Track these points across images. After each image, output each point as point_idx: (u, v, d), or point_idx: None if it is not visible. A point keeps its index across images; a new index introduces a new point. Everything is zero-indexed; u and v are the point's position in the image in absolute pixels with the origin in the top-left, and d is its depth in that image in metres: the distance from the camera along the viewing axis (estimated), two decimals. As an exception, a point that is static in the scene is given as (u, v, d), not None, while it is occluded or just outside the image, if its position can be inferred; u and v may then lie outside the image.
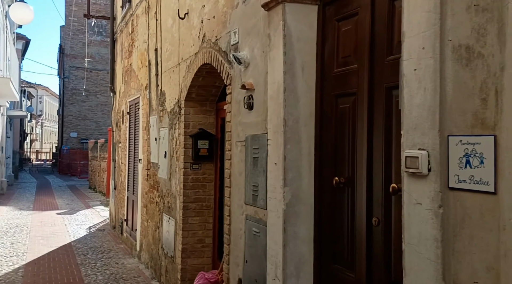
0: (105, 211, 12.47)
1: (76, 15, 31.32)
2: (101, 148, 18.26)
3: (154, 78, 6.15)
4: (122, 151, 8.77)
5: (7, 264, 6.40)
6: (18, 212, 11.87)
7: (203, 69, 4.42)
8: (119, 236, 8.53)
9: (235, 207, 3.46)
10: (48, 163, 40.97)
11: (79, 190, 18.98)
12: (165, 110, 5.64)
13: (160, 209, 5.80)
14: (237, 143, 3.46)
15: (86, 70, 29.67)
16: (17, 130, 27.55)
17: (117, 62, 9.48)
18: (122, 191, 8.69)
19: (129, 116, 8.04)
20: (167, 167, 5.51)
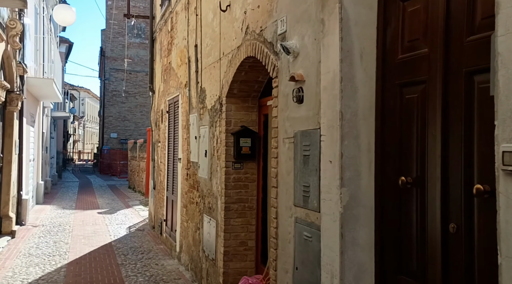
0: (144, 210, 12.53)
1: (116, 18, 32.05)
2: (140, 148, 18.47)
3: (194, 75, 5.99)
4: (161, 150, 8.71)
5: (50, 264, 6.42)
6: (61, 211, 12.10)
7: (245, 63, 4.20)
8: (159, 236, 8.47)
9: (282, 209, 3.21)
10: (89, 163, 42.16)
11: (119, 190, 19.28)
12: (206, 108, 5.46)
13: (200, 209, 5.64)
14: (284, 139, 3.21)
15: (126, 72, 30.31)
16: (60, 131, 28.42)
17: (156, 61, 9.44)
18: (161, 190, 8.62)
19: (168, 115, 7.95)
20: (208, 166, 5.33)
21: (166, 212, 7.99)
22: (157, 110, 9.36)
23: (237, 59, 4.29)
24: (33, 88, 10.80)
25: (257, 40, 3.74)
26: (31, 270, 6.05)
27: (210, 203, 5.22)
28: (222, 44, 4.78)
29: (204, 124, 5.50)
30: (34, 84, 10.46)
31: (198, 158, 5.77)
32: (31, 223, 9.78)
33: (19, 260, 6.56)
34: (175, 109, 7.39)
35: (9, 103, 8.15)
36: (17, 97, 8.24)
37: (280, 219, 3.26)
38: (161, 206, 8.57)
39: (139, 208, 13.16)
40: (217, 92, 5.00)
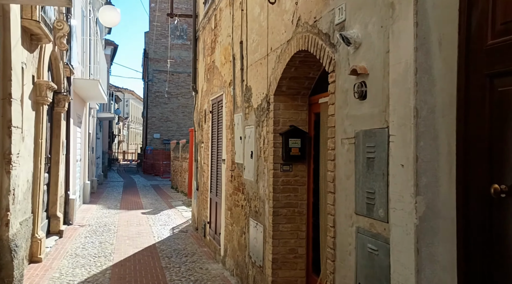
0: (187, 211, 12.49)
1: (159, 20, 32.62)
2: (183, 148, 18.56)
3: (239, 73, 5.77)
4: (205, 151, 8.57)
5: (95, 265, 6.39)
6: (106, 211, 12.26)
7: (296, 58, 3.92)
8: (202, 239, 8.32)
9: (341, 217, 2.90)
10: (133, 163, 43.16)
11: (162, 190, 19.47)
12: (251, 107, 5.22)
13: (246, 213, 5.40)
14: (343, 140, 2.90)
15: (168, 73, 30.75)
16: (106, 132, 29.18)
17: (199, 60, 9.32)
18: (204, 192, 8.48)
19: (212, 115, 7.79)
20: (254, 168, 5.08)
21: (210, 214, 7.83)
22: (200, 110, 9.23)
23: (287, 54, 4.02)
24: (79, 89, 10.98)
25: (310, 32, 3.45)
26: (77, 271, 6.02)
27: (256, 206, 4.98)
28: (270, 39, 4.52)
29: (250, 124, 5.26)
30: (80, 86, 10.63)
31: (243, 159, 5.54)
32: (78, 223, 9.92)
33: (66, 260, 6.58)
34: (219, 109, 7.21)
35: (56, 104, 8.25)
36: (64, 98, 8.33)
37: (338, 228, 2.95)
38: (204, 208, 8.43)
39: (182, 208, 13.15)
40: (264, 90, 4.74)
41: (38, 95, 6.39)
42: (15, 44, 4.96)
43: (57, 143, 8.33)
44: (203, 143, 8.82)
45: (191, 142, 16.40)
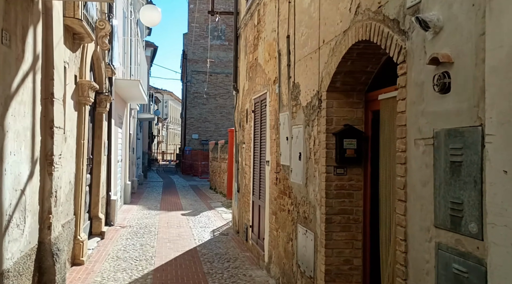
0: (226, 213, 12.29)
1: (198, 21, 32.79)
2: (221, 149, 18.43)
3: (285, 69, 5.44)
4: (246, 152, 8.29)
5: (136, 269, 6.23)
6: (147, 212, 12.23)
7: (353, 50, 3.55)
8: (244, 243, 8.05)
9: (415, 230, 2.51)
10: (172, 163, 43.70)
11: (201, 190, 19.42)
12: (300, 105, 4.88)
13: (293, 218, 5.06)
14: (417, 141, 2.51)
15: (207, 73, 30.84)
16: (146, 132, 29.59)
17: (240, 58, 9.06)
18: (246, 194, 8.20)
19: (254, 114, 7.50)
20: (302, 170, 4.74)
21: (252, 217, 7.54)
22: (241, 110, 8.97)
23: (343, 46, 3.65)
24: (120, 90, 10.98)
25: (373, 19, 3.07)
26: (118, 275, 5.88)
27: (305, 212, 4.63)
28: (322, 31, 4.16)
29: (298, 124, 4.92)
30: (121, 86, 10.62)
31: (290, 161, 5.21)
32: (119, 224, 9.88)
33: (108, 263, 6.46)
34: (262, 108, 6.91)
35: (98, 105, 8.21)
36: (106, 98, 8.28)
37: (411, 242, 2.56)
38: (246, 211, 8.15)
39: (222, 210, 12.96)
40: (314, 87, 4.39)
41: (80, 95, 6.31)
42: (57, 42, 4.84)
43: (99, 143, 8.28)
44: (244, 144, 8.56)
45: (230, 142, 16.23)
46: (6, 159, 3.53)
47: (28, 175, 4.08)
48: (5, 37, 3.43)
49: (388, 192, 3.47)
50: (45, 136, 4.56)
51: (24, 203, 3.95)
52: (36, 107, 4.29)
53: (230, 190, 15.69)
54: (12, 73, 3.66)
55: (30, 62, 4.09)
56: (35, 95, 4.28)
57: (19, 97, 3.81)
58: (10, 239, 3.64)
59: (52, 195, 4.64)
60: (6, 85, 3.53)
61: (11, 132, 3.63)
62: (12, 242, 3.69)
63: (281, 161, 5.64)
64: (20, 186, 3.86)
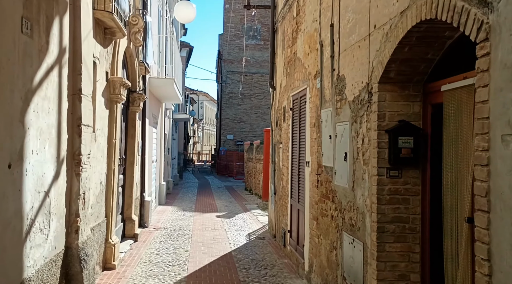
0: (262, 215, 11.90)
1: (233, 21, 32.64)
2: (257, 149, 18.07)
3: (328, 61, 4.98)
4: (284, 152, 7.86)
5: (169, 275, 5.91)
6: (181, 213, 12.01)
7: (413, 33, 3.06)
8: (281, 248, 7.62)
9: (503, 248, 2.02)
10: (207, 164, 43.78)
11: (236, 191, 19.13)
12: (345, 100, 4.41)
13: (338, 225, 4.59)
14: (505, 136, 2.01)
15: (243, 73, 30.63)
16: (181, 133, 29.66)
17: (277, 54, 8.65)
18: (283, 197, 7.77)
19: (292, 112, 7.06)
20: (348, 172, 4.27)
21: (291, 222, 7.10)
22: (278, 108, 8.55)
23: (400, 30, 3.16)
24: (155, 89, 10.80)
25: (441, -7, 2.58)
26: (150, 282, 5.58)
27: (352, 219, 4.15)
28: (373, 15, 3.68)
29: (343, 121, 4.45)
30: (156, 85, 10.42)
31: (334, 161, 4.74)
32: (153, 225, 9.67)
33: (140, 268, 6.19)
34: (301, 105, 6.46)
35: (131, 104, 8.00)
36: (139, 97, 8.06)
37: (498, 263, 2.06)
38: (283, 214, 7.72)
39: (257, 212, 12.57)
40: (363, 79, 3.92)
41: (111, 93, 6.07)
42: (86, 35, 4.58)
43: (132, 143, 8.07)
44: (281, 143, 8.13)
45: (266, 142, 15.83)
46: (28, 158, 3.26)
47: (53, 175, 3.81)
48: (25, 25, 3.16)
49: (454, 198, 2.96)
50: (72, 134, 4.30)
51: (48, 205, 3.69)
52: (62, 104, 4.03)
53: (266, 192, 15.30)
54: (34, 66, 3.39)
55: (55, 55, 3.83)
56: (61, 91, 4.01)
57: (43, 92, 3.54)
58: (32, 245, 3.37)
59: (80, 197, 4.37)
60: (27, 78, 3.26)
61: (33, 129, 3.36)
62: (35, 248, 3.43)
63: (323, 161, 5.18)
64: (44, 188, 3.59)
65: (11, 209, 3.01)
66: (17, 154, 3.09)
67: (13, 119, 3.00)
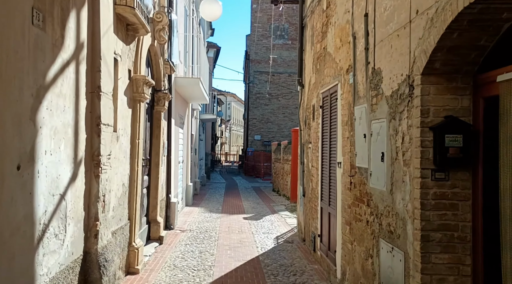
0: (290, 217, 11.55)
1: (260, 21, 32.40)
2: (284, 150, 17.73)
3: (361, 54, 4.61)
4: (313, 152, 7.51)
5: (193, 280, 5.66)
6: (208, 214, 11.80)
7: (464, 16, 2.68)
8: (311, 253, 7.26)
9: None
10: (235, 164, 43.71)
11: (263, 192, 18.84)
12: (382, 95, 4.04)
13: (374, 231, 4.22)
14: None
15: (270, 73, 30.34)
16: (209, 133, 29.62)
17: (305, 50, 8.30)
18: (313, 199, 7.41)
19: (322, 110, 6.70)
20: (386, 174, 3.89)
21: (321, 225, 6.74)
22: (307, 106, 8.20)
23: (448, 13, 2.79)
24: (181, 88, 10.63)
25: (501, -35, 2.20)
26: (173, 287, 5.35)
27: (391, 225, 3.78)
28: None
29: (380, 118, 4.08)
30: (182, 84, 10.25)
31: (369, 162, 4.37)
32: (179, 227, 9.48)
33: (163, 273, 5.96)
34: (332, 102, 6.10)
35: (156, 103, 7.82)
36: (164, 96, 7.87)
37: None
38: (313, 218, 7.36)
39: (285, 214, 12.23)
40: (403, 71, 3.54)
41: (134, 92, 5.87)
42: (106, 31, 4.38)
43: (157, 143, 7.89)
44: (310, 143, 7.77)
45: (294, 143, 15.47)
46: (40, 159, 3.06)
47: (70, 177, 3.61)
48: (36, 17, 2.95)
49: (514, 204, 2.56)
50: (91, 134, 4.10)
51: (64, 209, 3.48)
52: (79, 102, 3.83)
53: (294, 193, 14.94)
54: (48, 60, 3.19)
55: (72, 50, 3.62)
56: (79, 88, 3.81)
57: (57, 89, 3.34)
58: (45, 252, 3.16)
59: (99, 200, 4.16)
60: (39, 74, 3.05)
61: (47, 128, 3.15)
62: (49, 255, 3.22)
63: (357, 162, 4.81)
64: (59, 190, 3.38)
65: (20, 213, 2.80)
66: (28, 154, 2.88)
67: (22, 117, 2.79)
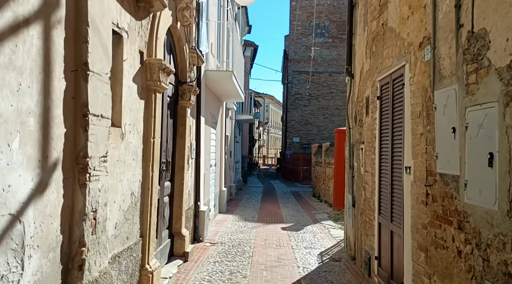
0: (335, 228, 10.21)
1: (300, 19, 31.09)
2: (326, 152, 16.35)
3: (448, 16, 3.30)
4: (367, 154, 6.18)
5: (218, 316, 4.51)
6: (242, 223, 10.64)
7: None
8: (364, 277, 5.93)
9: None
10: (273, 168, 42.49)
11: (303, 198, 17.53)
12: (488, 68, 2.72)
13: (472, 268, 2.89)
14: None
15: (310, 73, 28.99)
16: (246, 136, 28.55)
17: (356, 34, 6.99)
18: (367, 211, 6.08)
19: (381, 102, 5.38)
20: (498, 185, 2.58)
21: (379, 245, 5.40)
22: (357, 100, 6.88)
23: None
24: (212, 83, 9.53)
25: None
26: (193, 326, 4.20)
27: (510, 265, 2.45)
28: None
29: (484, 102, 2.77)
30: (213, 79, 9.14)
31: (461, 167, 3.06)
32: (209, 239, 8.37)
33: (183, 302, 4.84)
34: (395, 90, 4.79)
35: (181, 97, 6.74)
36: (190, 89, 6.77)
37: None
38: (367, 234, 6.03)
39: (329, 224, 10.90)
40: (536, 24, 2.22)
41: (148, 79, 4.79)
42: (99, -9, 3.28)
43: (182, 143, 6.80)
44: (363, 143, 6.45)
45: (338, 144, 14.06)
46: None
47: (33, 188, 2.51)
48: None
49: None
50: (75, 128, 3.01)
51: (19, 235, 2.38)
52: (53, 82, 2.74)
53: (338, 200, 13.52)
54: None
55: (35, 5, 2.53)
56: (51, 62, 2.72)
57: (5, 58, 2.24)
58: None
59: (86, 217, 3.06)
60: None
61: (-19, 115, 2.07)
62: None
63: (438, 167, 3.50)
64: (8, 209, 2.28)
65: None
66: None
67: None
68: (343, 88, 30.74)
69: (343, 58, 33.06)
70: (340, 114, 30.58)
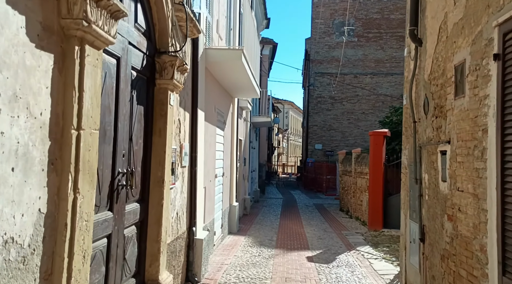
0: (378, 258, 7.75)
1: (322, 17, 28.74)
2: (357, 160, 13.83)
3: None
4: (461, 161, 3.73)
5: None
6: (256, 250, 8.24)
7: None
8: None
9: None
10: (293, 176, 40.00)
11: (329, 213, 15.05)
12: None
13: None
14: None
15: (338, 73, 26.53)
16: (264, 141, 26.15)
17: (427, -24, 4.57)
18: (461, 258, 3.60)
19: (503, 64, 2.93)
20: None
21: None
22: (433, 75, 4.44)
23: None
24: (216, 68, 7.16)
25: None
26: None
27: None
28: None
29: None
30: (217, 60, 6.78)
31: None
32: (209, 278, 6.00)
33: None
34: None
35: (158, 74, 4.44)
36: (173, 62, 4.45)
37: None
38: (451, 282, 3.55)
39: (367, 251, 8.41)
40: None
41: (64, 15, 2.48)
42: None
43: (160, 145, 4.47)
44: (448, 144, 4.00)
45: (374, 150, 11.60)
46: None
47: None
48: None
49: None
50: None
51: None
52: None
53: (375, 218, 11.05)
54: None
55: None
56: None
57: None
58: None
59: None
60: None
61: None
62: None
63: None
64: None
65: None
66: None
67: None
68: (369, 91, 28.15)
69: (370, 58, 30.64)
70: (366, 119, 27.97)
